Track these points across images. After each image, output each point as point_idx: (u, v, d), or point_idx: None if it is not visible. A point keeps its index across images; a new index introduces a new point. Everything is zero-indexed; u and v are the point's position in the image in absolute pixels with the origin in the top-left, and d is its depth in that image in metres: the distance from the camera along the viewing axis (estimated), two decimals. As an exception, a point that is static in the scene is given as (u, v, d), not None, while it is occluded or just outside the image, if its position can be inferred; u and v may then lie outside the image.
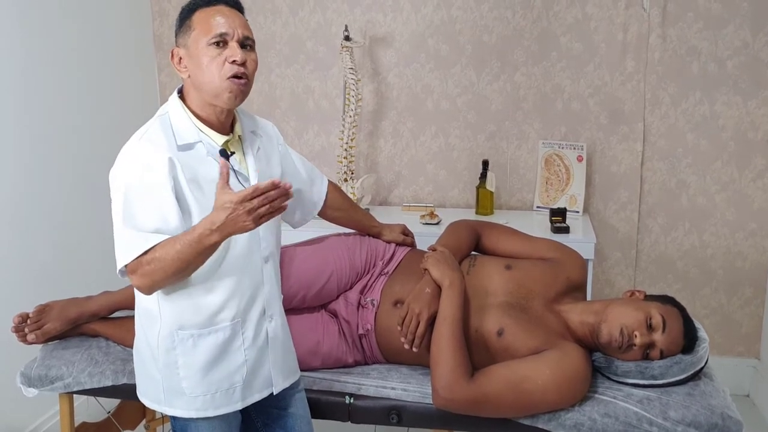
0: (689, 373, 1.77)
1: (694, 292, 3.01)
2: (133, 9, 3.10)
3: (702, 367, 1.80)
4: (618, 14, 2.85)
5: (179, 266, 1.42)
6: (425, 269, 1.90)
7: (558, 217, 2.74)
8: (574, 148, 2.91)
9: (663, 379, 1.76)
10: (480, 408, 1.71)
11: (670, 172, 2.93)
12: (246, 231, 1.42)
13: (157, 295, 1.54)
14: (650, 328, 1.75)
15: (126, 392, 1.95)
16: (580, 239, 2.60)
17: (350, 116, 2.85)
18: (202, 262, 1.46)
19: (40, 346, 2.08)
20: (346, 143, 2.89)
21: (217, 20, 1.49)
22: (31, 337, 2.03)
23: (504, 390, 1.70)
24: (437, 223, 2.80)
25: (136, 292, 1.58)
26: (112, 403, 2.31)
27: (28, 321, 2.03)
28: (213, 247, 1.43)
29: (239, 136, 1.61)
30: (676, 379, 1.77)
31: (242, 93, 1.52)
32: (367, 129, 3.12)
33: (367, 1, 3.01)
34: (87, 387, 1.95)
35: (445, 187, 3.12)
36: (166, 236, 1.44)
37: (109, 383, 1.94)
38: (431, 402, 1.76)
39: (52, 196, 2.59)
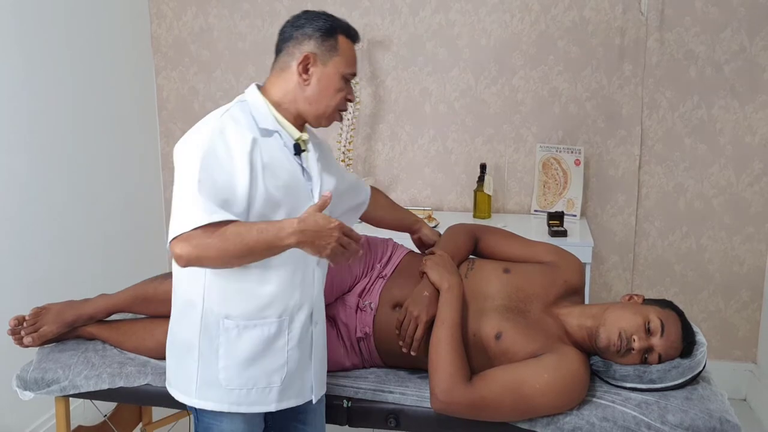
0: (687, 377, 1.77)
1: (692, 296, 3.01)
2: (131, 11, 3.10)
3: (700, 371, 1.80)
4: (615, 18, 2.86)
5: (240, 253, 1.43)
6: (424, 272, 1.90)
7: (555, 220, 2.74)
8: (572, 152, 2.92)
9: (661, 383, 1.76)
10: (478, 412, 1.71)
11: (667, 176, 2.94)
12: (316, 253, 1.45)
13: (203, 282, 1.54)
14: (648, 332, 1.75)
15: (123, 395, 1.94)
16: (578, 243, 2.60)
17: (348, 119, 2.85)
18: (258, 260, 1.47)
19: (36, 349, 2.07)
20: (344, 146, 2.88)
21: (355, 58, 1.62)
22: (27, 340, 2.02)
23: (502, 394, 1.69)
24: (435, 227, 2.79)
25: (177, 280, 1.59)
26: (108, 407, 2.30)
27: (25, 324, 2.02)
28: (282, 249, 1.45)
29: (308, 137, 1.65)
30: (674, 383, 1.77)
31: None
32: (364, 132, 3.12)
33: (365, 4, 3.01)
34: (83, 390, 1.94)
35: (443, 190, 3.12)
36: (232, 216, 1.44)
37: (105, 386, 1.93)
38: (429, 406, 1.75)
39: (49, 197, 2.58)
